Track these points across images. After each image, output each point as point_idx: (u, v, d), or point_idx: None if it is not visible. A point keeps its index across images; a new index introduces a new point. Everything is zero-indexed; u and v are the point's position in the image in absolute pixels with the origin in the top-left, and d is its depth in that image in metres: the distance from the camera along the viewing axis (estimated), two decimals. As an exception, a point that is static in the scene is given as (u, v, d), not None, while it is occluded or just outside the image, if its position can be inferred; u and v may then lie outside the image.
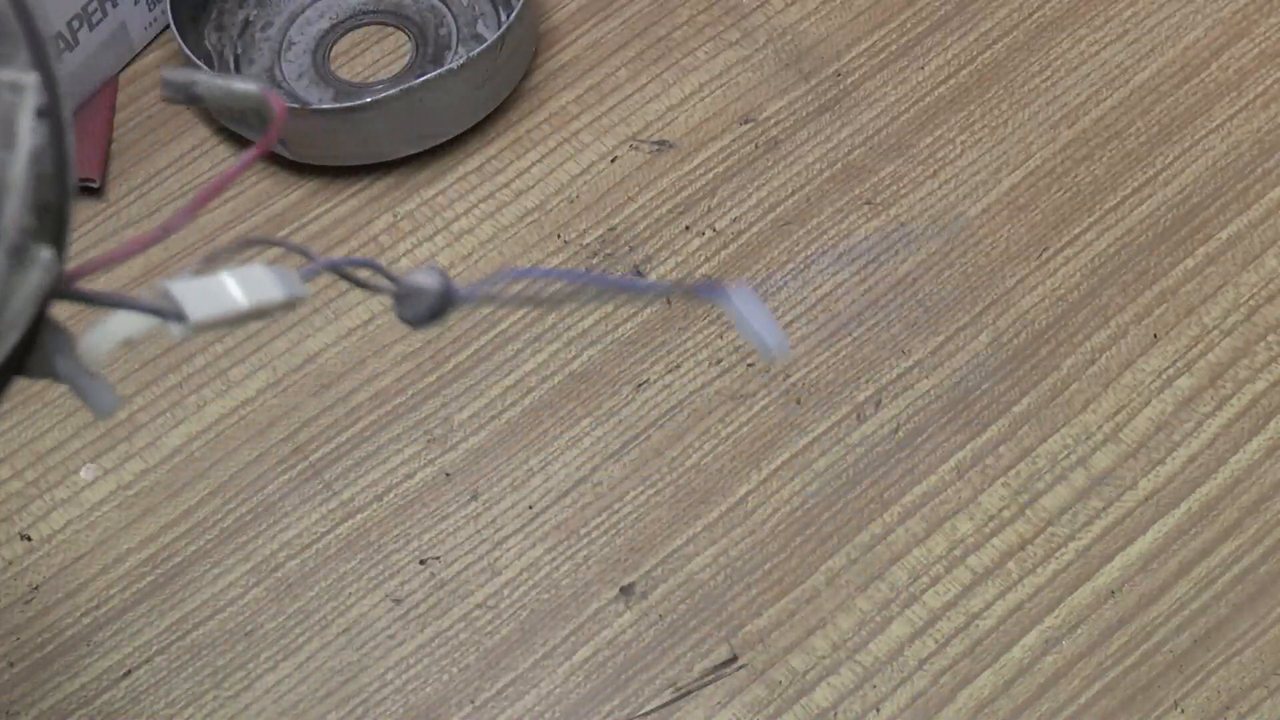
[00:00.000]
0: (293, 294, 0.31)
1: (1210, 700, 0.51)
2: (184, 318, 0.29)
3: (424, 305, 0.34)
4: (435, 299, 0.34)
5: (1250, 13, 0.65)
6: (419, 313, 0.34)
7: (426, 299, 0.34)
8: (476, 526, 0.55)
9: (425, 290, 0.34)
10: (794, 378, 0.57)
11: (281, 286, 0.31)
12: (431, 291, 0.34)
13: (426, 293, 0.34)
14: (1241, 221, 0.60)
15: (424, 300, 0.34)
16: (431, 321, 0.34)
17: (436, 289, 0.34)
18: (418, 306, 0.34)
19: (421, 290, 0.34)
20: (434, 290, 0.34)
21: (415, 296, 0.34)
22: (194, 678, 0.53)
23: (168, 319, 0.29)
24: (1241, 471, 0.55)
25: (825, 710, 0.51)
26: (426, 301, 0.34)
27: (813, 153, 0.62)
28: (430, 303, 0.34)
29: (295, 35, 0.66)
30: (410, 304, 0.34)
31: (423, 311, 0.34)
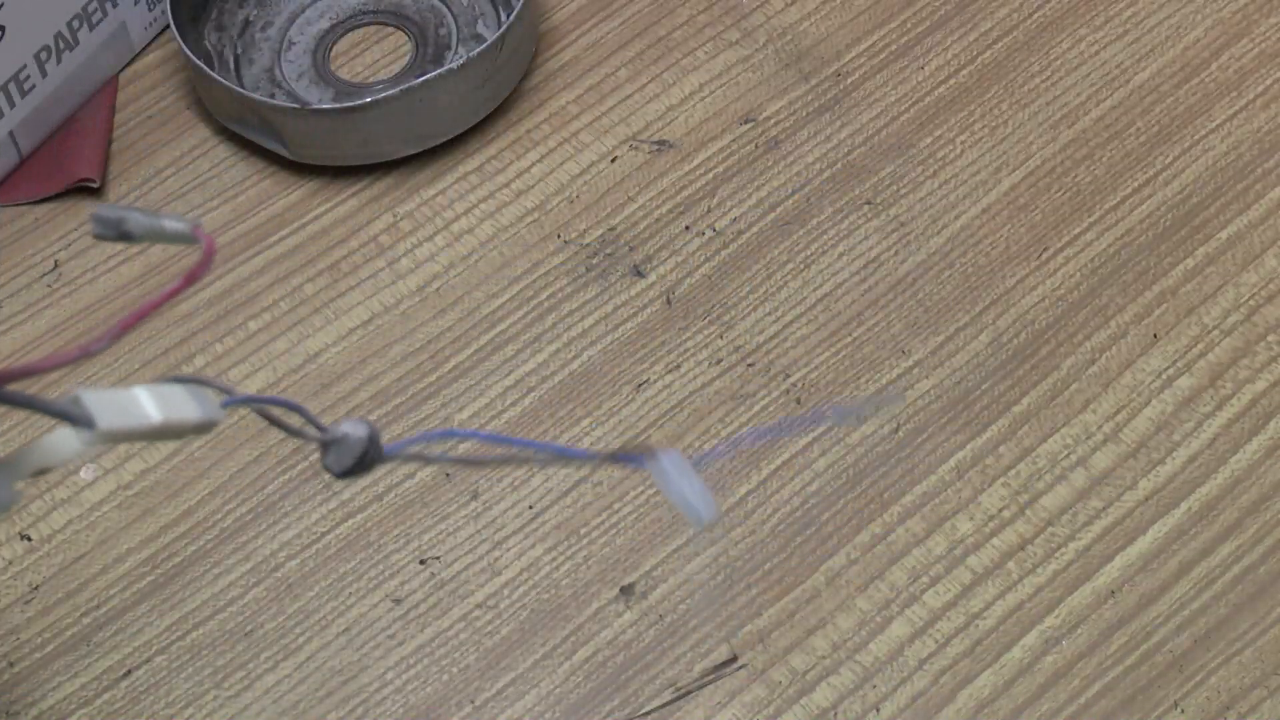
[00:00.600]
0: (208, 417, 0.30)
1: (1210, 700, 0.51)
2: (92, 425, 0.28)
3: (349, 456, 0.33)
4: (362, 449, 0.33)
5: (1250, 13, 0.65)
6: (344, 464, 0.33)
7: (352, 449, 0.33)
8: (476, 526, 0.55)
9: (352, 440, 0.33)
10: (794, 378, 0.57)
11: (197, 408, 0.30)
12: (358, 440, 0.33)
13: (353, 442, 0.33)
14: (1241, 221, 0.60)
15: (350, 450, 0.33)
16: (356, 473, 0.33)
17: (363, 438, 0.33)
18: (343, 457, 0.33)
19: (348, 440, 0.33)
20: (361, 439, 0.33)
21: (341, 446, 0.33)
22: (194, 678, 0.53)
23: (76, 425, 0.28)
24: (1241, 471, 0.55)
25: (825, 710, 0.51)
26: (353, 452, 0.33)
27: (813, 153, 0.63)
28: (356, 453, 0.33)
29: (295, 35, 0.66)
30: (335, 453, 0.33)
31: (348, 462, 0.33)
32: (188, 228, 0.31)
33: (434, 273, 0.61)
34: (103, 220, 0.31)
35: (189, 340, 0.59)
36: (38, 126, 0.63)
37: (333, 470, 0.33)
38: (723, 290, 0.59)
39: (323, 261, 0.61)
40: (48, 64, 0.62)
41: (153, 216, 0.30)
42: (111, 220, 0.31)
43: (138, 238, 0.30)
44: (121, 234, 0.31)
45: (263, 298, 0.60)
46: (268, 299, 0.60)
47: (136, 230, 0.30)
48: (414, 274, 0.61)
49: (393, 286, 0.60)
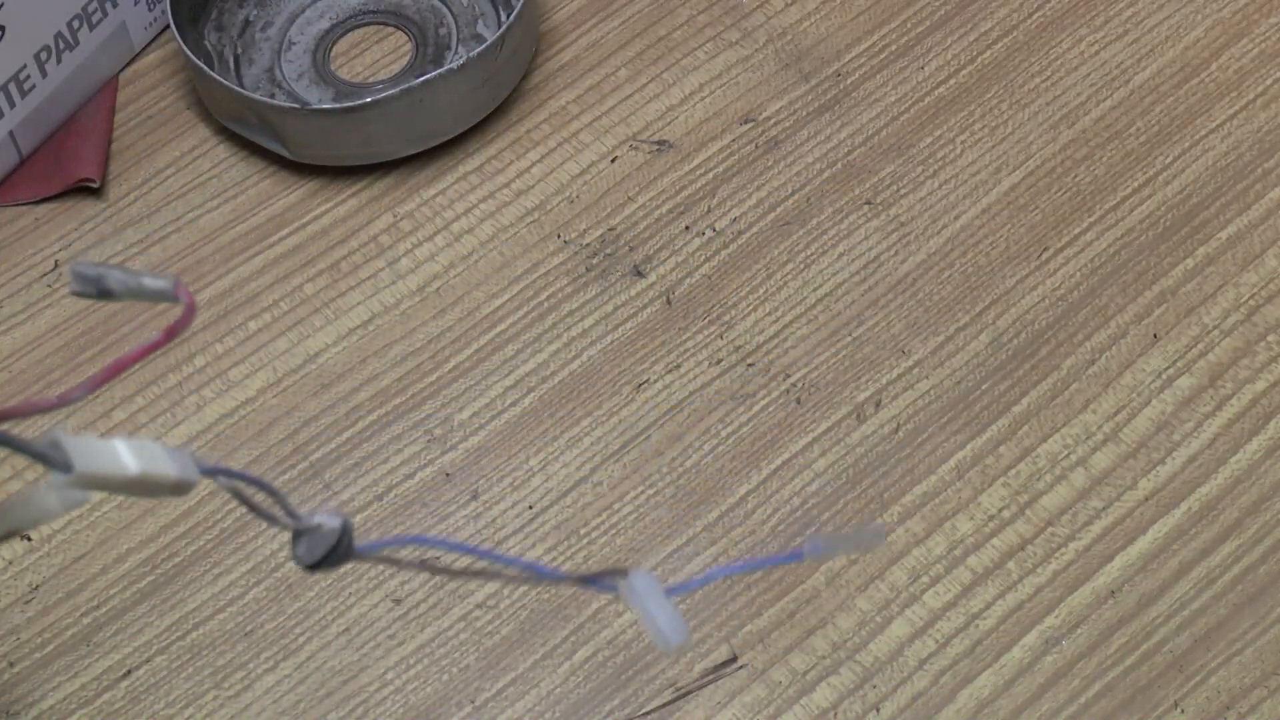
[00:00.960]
0: (184, 475, 0.30)
1: (1210, 700, 0.51)
2: (69, 469, 0.28)
3: (322, 547, 0.33)
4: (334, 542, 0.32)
5: (1250, 13, 0.65)
6: (315, 555, 0.33)
7: (325, 541, 0.33)
8: (476, 526, 0.55)
9: (325, 532, 0.32)
10: (794, 378, 0.57)
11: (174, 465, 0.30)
12: (331, 533, 0.32)
13: (325, 534, 0.32)
14: (1241, 221, 0.60)
15: (322, 542, 0.33)
16: (326, 566, 0.33)
17: (336, 530, 0.32)
18: (315, 548, 0.33)
19: (321, 531, 0.32)
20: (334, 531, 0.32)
21: (314, 536, 0.33)
22: (194, 678, 0.53)
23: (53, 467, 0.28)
24: (1241, 471, 0.55)
25: (825, 710, 0.51)
26: (325, 543, 0.33)
27: (813, 153, 0.63)
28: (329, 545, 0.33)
29: (295, 35, 0.66)
30: (307, 544, 0.33)
31: (319, 554, 0.33)
32: (169, 285, 0.30)
33: (434, 273, 0.61)
34: (82, 278, 0.31)
35: (189, 340, 0.59)
36: (38, 126, 0.63)
37: (303, 561, 0.33)
38: (723, 290, 0.59)
39: (323, 261, 0.61)
40: (48, 64, 0.62)
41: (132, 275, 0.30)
42: (91, 278, 0.31)
43: (118, 295, 0.30)
44: (101, 291, 0.31)
45: (263, 298, 0.60)
46: (268, 299, 0.60)
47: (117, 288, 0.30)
48: (414, 274, 0.61)
49: (393, 286, 0.60)
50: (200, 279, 0.61)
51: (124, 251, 0.62)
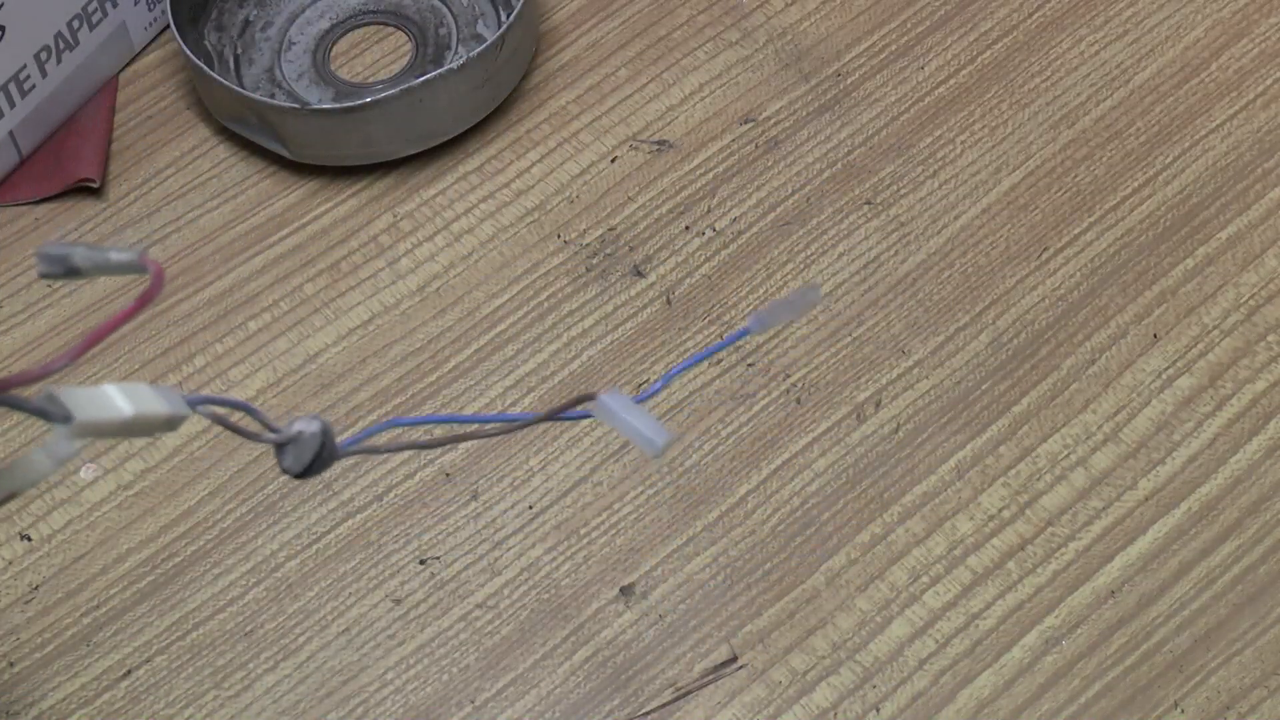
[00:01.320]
0: (175, 410, 0.31)
1: (1210, 700, 0.51)
2: (69, 419, 0.29)
3: (308, 452, 0.34)
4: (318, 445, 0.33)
5: (1250, 13, 0.65)
6: (303, 461, 0.34)
7: (309, 446, 0.34)
8: (476, 526, 0.55)
9: (306, 437, 0.33)
10: (794, 378, 0.57)
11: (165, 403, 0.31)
12: (313, 436, 0.33)
13: (308, 439, 0.33)
14: (1241, 221, 0.60)
15: (307, 448, 0.34)
16: (314, 471, 0.34)
17: (317, 433, 0.33)
18: (302, 455, 0.34)
19: (302, 437, 0.33)
20: (315, 434, 0.33)
21: (298, 444, 0.34)
22: (194, 678, 0.53)
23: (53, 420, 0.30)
24: (1241, 471, 0.55)
25: (825, 710, 0.51)
26: (310, 448, 0.34)
27: (813, 153, 0.63)
28: (314, 449, 0.34)
29: (295, 35, 0.66)
30: (293, 452, 0.34)
31: (307, 459, 0.34)
32: (134, 256, 0.31)
33: (434, 273, 0.61)
34: (48, 257, 0.31)
35: (189, 340, 0.59)
36: (38, 126, 0.63)
37: (291, 470, 0.34)
38: (723, 290, 0.59)
39: (323, 261, 0.61)
40: (48, 64, 0.62)
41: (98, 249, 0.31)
42: (57, 256, 0.31)
43: (86, 272, 0.31)
44: (69, 270, 0.31)
45: (263, 298, 0.60)
46: (268, 299, 0.60)
47: (83, 264, 0.31)
48: (414, 274, 0.61)
49: (393, 286, 0.60)
50: (200, 279, 0.61)
51: (124, 251, 0.62)
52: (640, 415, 0.36)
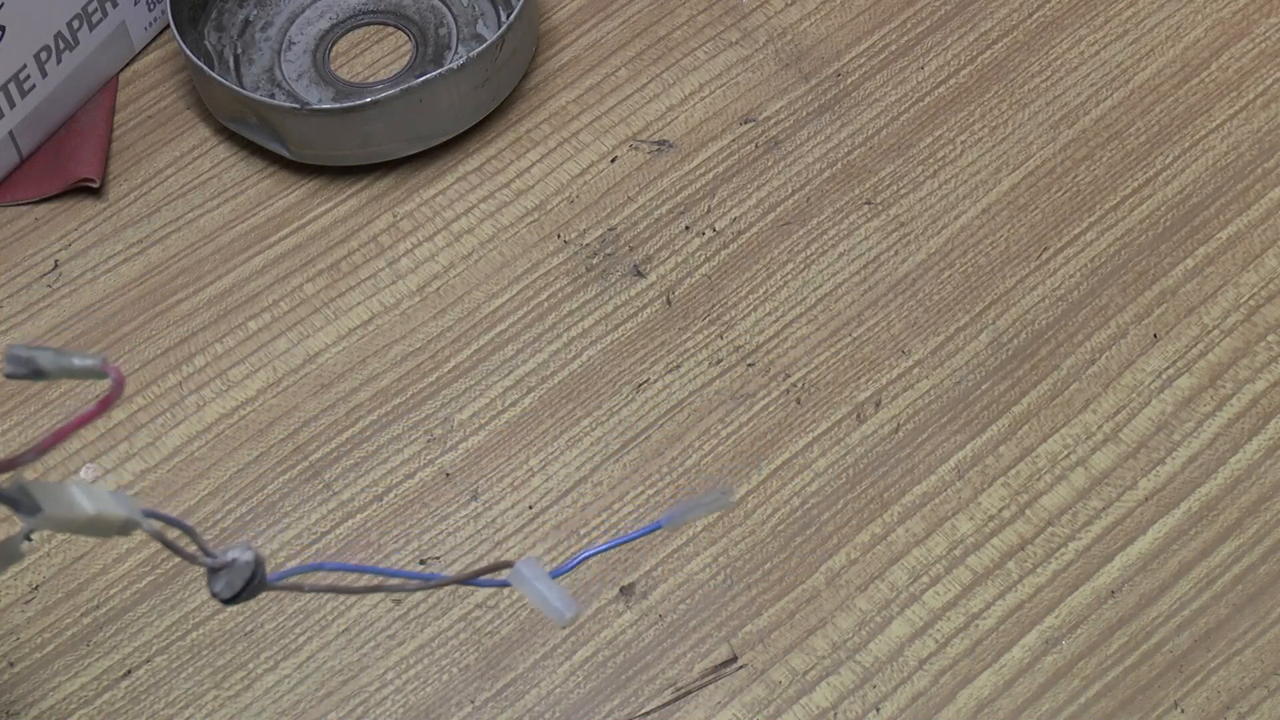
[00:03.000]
0: (130, 516, 0.33)
1: (1210, 700, 0.51)
2: (38, 510, 0.31)
3: (240, 579, 0.35)
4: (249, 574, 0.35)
5: (1250, 13, 0.65)
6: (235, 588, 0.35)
7: (241, 573, 0.35)
8: (476, 526, 0.55)
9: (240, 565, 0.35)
10: (794, 378, 0.57)
11: (122, 508, 0.33)
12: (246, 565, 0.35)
13: (240, 567, 0.35)
14: (1241, 221, 0.60)
15: (239, 574, 0.35)
16: (243, 598, 0.36)
17: (250, 562, 0.35)
18: (234, 581, 0.35)
19: (236, 565, 0.35)
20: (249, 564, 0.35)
21: (231, 570, 0.35)
22: (194, 678, 0.53)
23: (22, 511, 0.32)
24: (1241, 471, 0.55)
25: (825, 710, 0.51)
26: (242, 576, 0.35)
27: (813, 153, 0.63)
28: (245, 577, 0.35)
29: (295, 35, 0.66)
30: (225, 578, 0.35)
31: (238, 586, 0.35)
32: (96, 363, 0.33)
33: (434, 273, 0.61)
34: (14, 359, 0.33)
35: (189, 340, 0.59)
36: (38, 126, 0.63)
37: (221, 595, 0.36)
38: (723, 290, 0.59)
39: (323, 261, 0.61)
40: (48, 64, 0.62)
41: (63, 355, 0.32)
42: (23, 359, 0.33)
43: (51, 375, 0.32)
44: (34, 371, 0.33)
45: (263, 298, 0.60)
46: (268, 299, 0.60)
47: (49, 367, 0.32)
48: (414, 274, 0.61)
49: (393, 286, 0.60)
50: (200, 279, 0.61)
51: (124, 251, 0.62)
52: (552, 587, 0.38)
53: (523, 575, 0.38)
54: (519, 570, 0.38)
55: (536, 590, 0.38)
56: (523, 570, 0.38)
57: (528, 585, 0.38)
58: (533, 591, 0.38)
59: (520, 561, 0.38)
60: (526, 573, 0.38)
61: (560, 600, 0.38)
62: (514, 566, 0.38)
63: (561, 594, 0.38)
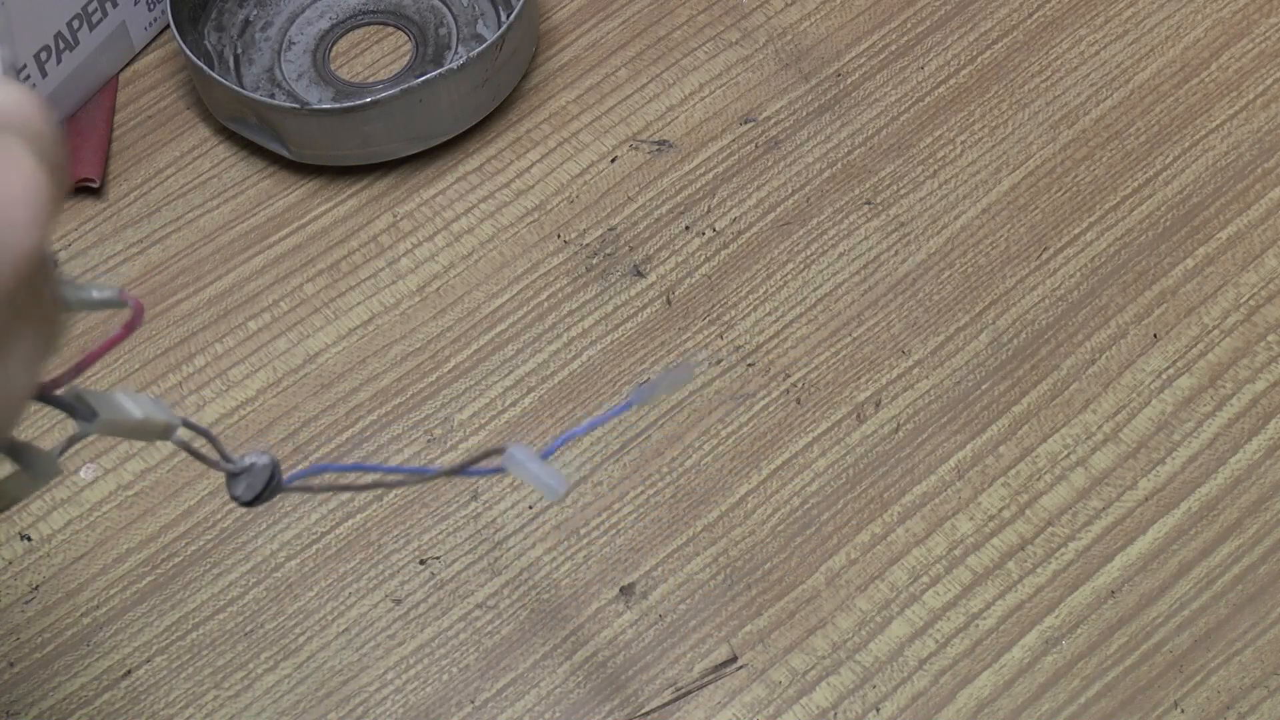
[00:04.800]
0: (171, 420, 0.35)
1: (1210, 700, 0.51)
2: (94, 416, 0.33)
3: (259, 482, 0.37)
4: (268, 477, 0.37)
5: (1250, 13, 0.65)
6: (255, 490, 0.37)
7: (260, 477, 0.37)
8: (476, 526, 0.55)
9: (258, 469, 0.37)
10: (794, 378, 0.57)
11: (163, 414, 0.35)
12: (264, 469, 0.37)
13: (259, 471, 0.37)
14: (1241, 221, 0.60)
15: (258, 478, 0.37)
16: (261, 500, 0.38)
17: (268, 466, 0.37)
18: (254, 484, 0.37)
19: (254, 469, 0.37)
20: (266, 467, 0.37)
21: (251, 474, 0.37)
22: (194, 678, 0.53)
23: (79, 416, 0.33)
24: (1241, 471, 0.55)
25: (825, 710, 0.51)
26: (261, 479, 0.37)
27: (813, 153, 0.63)
28: (264, 480, 0.37)
29: (295, 35, 0.66)
30: (246, 482, 0.38)
31: (258, 488, 0.37)
32: (114, 294, 0.34)
33: (434, 273, 0.61)
34: None
35: (189, 340, 0.59)
36: (38, 126, 0.63)
37: (241, 499, 0.37)
38: (723, 290, 0.59)
39: (323, 261, 0.61)
40: (48, 64, 0.62)
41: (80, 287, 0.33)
42: None
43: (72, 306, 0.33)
44: None
45: (263, 298, 0.60)
46: (268, 299, 0.60)
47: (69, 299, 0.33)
48: (414, 274, 0.61)
49: (393, 286, 0.60)
50: (200, 279, 0.61)
51: (124, 251, 0.62)
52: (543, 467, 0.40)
53: (515, 458, 0.39)
54: (511, 454, 0.39)
55: (529, 470, 0.39)
56: (515, 454, 0.39)
57: (520, 467, 0.39)
58: (525, 472, 0.39)
59: (512, 446, 0.39)
60: (519, 455, 0.39)
61: (552, 478, 0.39)
62: (506, 451, 0.39)
63: (553, 472, 0.39)
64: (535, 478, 0.39)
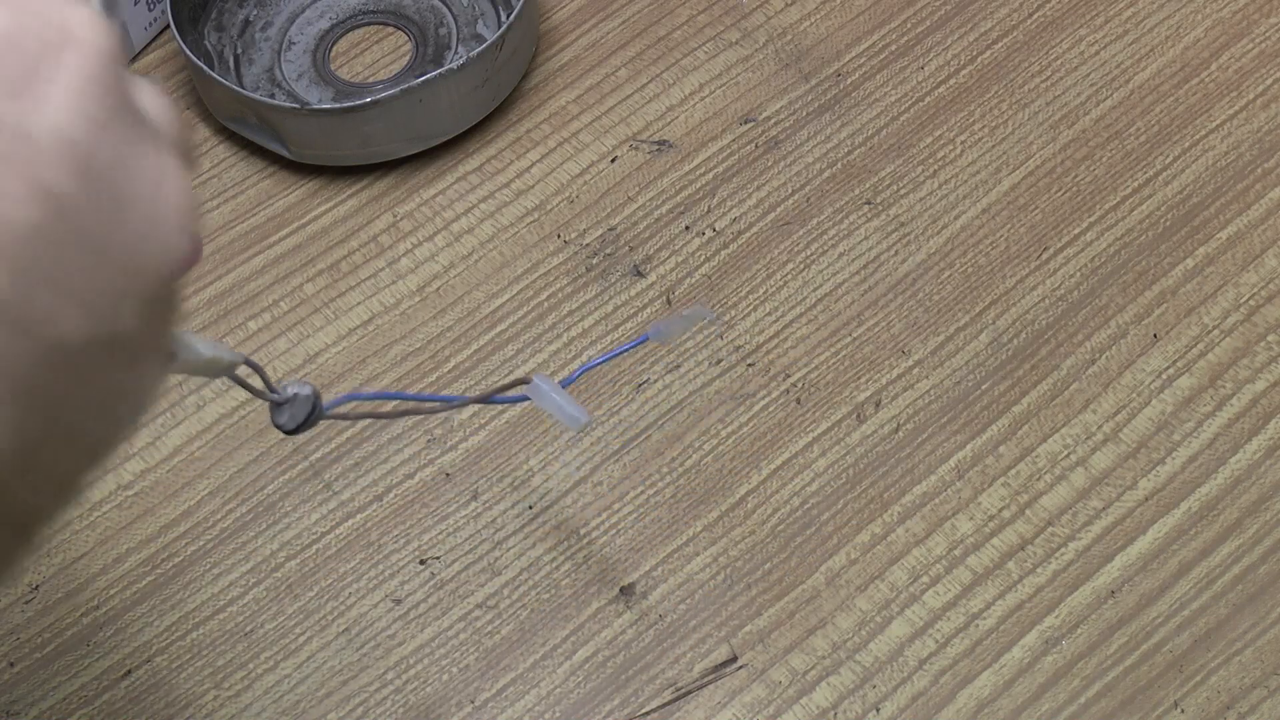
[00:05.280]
0: (234, 358, 0.37)
1: (1210, 700, 0.51)
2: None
3: (302, 412, 0.39)
4: (310, 406, 0.39)
5: (1250, 13, 0.65)
6: (298, 419, 0.39)
7: (303, 406, 0.39)
8: (476, 526, 0.55)
9: (301, 399, 0.39)
10: (794, 378, 0.57)
11: (227, 352, 0.36)
12: (306, 399, 0.39)
13: (302, 400, 0.39)
14: (1241, 221, 0.60)
15: (301, 407, 0.39)
16: (305, 428, 0.39)
17: (310, 396, 0.39)
18: (297, 413, 0.39)
19: (298, 399, 0.39)
20: (309, 397, 0.39)
21: (294, 404, 0.39)
22: (194, 678, 0.53)
23: None
24: (1241, 471, 0.55)
25: (825, 710, 0.51)
26: (304, 408, 0.39)
27: (813, 153, 0.63)
28: (306, 409, 0.39)
29: (295, 35, 0.66)
30: (289, 411, 0.39)
31: (301, 417, 0.39)
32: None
33: (434, 273, 0.61)
34: None
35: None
36: (38, 126, 0.63)
37: (285, 427, 0.39)
38: (723, 290, 0.59)
39: (323, 261, 0.61)
40: (48, 64, 0.62)
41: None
42: None
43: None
44: None
45: (263, 298, 0.60)
46: (268, 299, 0.60)
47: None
48: (414, 274, 0.61)
49: (393, 286, 0.60)
50: (200, 279, 0.61)
51: (124, 251, 0.61)
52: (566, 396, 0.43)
53: (539, 389, 0.42)
54: (536, 384, 0.42)
55: (553, 400, 0.42)
56: (539, 384, 0.42)
57: (544, 397, 0.42)
58: (549, 402, 0.42)
59: (536, 377, 0.42)
60: (543, 386, 0.42)
61: (574, 408, 0.42)
62: (531, 381, 0.42)
63: (575, 403, 0.42)
64: (558, 407, 0.42)
